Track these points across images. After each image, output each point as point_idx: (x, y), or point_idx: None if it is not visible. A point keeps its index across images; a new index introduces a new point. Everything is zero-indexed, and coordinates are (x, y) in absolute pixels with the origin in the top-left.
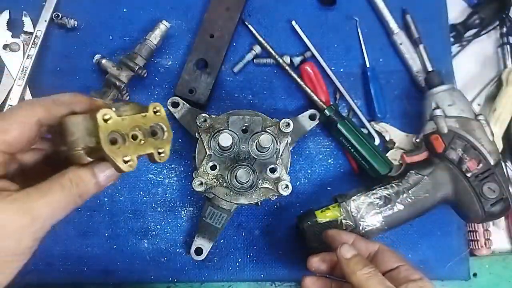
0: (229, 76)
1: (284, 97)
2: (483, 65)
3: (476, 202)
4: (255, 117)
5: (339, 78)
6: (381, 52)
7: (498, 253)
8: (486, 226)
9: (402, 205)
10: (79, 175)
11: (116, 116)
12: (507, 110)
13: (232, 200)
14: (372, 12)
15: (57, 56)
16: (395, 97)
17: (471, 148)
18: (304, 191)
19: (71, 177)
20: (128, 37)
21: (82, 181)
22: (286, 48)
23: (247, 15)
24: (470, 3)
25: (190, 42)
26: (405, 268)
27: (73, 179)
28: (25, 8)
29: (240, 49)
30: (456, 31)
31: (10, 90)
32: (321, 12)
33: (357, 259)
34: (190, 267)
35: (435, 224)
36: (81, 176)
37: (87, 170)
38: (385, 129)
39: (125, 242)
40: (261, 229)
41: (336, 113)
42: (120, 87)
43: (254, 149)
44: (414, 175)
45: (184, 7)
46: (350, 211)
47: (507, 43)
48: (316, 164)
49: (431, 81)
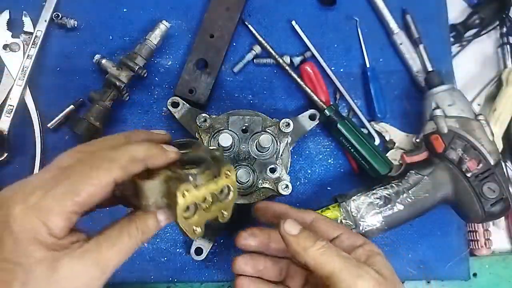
0: (229, 76)
1: (284, 97)
2: (483, 65)
3: (476, 202)
4: (255, 117)
5: (339, 78)
6: (381, 52)
7: (498, 253)
8: (486, 226)
9: (402, 205)
10: (147, 224)
11: (194, 190)
12: (507, 110)
13: None
14: (372, 12)
15: (57, 56)
16: (395, 97)
17: (471, 148)
18: (304, 191)
19: (138, 225)
20: (128, 37)
21: (148, 229)
22: (286, 48)
23: (247, 15)
24: (470, 3)
25: (190, 42)
26: (346, 236)
27: (139, 227)
28: (25, 8)
29: (240, 49)
30: (456, 31)
31: (10, 90)
32: (321, 12)
33: (306, 234)
34: (190, 267)
35: (435, 224)
36: (148, 224)
37: (153, 217)
38: (385, 129)
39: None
40: None
41: (336, 113)
42: (120, 87)
43: (254, 149)
44: (414, 175)
45: (184, 7)
46: (350, 211)
47: (507, 43)
48: (316, 164)
49: (431, 81)
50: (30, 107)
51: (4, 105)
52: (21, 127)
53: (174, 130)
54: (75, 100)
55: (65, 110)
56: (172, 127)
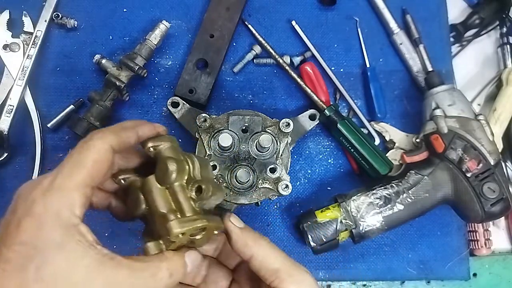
0: (229, 76)
1: (284, 97)
2: (483, 65)
3: (476, 202)
4: (255, 117)
5: (339, 78)
6: (381, 52)
7: (498, 253)
8: (486, 226)
9: (402, 205)
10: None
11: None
12: (507, 110)
13: (232, 200)
14: (372, 12)
15: (57, 56)
16: (395, 97)
17: (471, 148)
18: (304, 191)
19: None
20: (128, 37)
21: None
22: (286, 48)
23: (247, 15)
24: (470, 3)
25: (190, 42)
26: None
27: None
28: (25, 8)
29: (240, 49)
30: (456, 31)
31: (10, 90)
32: (321, 12)
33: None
34: None
35: (435, 224)
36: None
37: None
38: (385, 129)
39: (125, 242)
40: (261, 229)
41: (336, 113)
42: (120, 87)
43: (254, 149)
44: (414, 175)
45: (184, 7)
46: (350, 211)
47: (507, 43)
48: (316, 164)
49: (431, 81)
50: (30, 107)
51: (4, 105)
52: (21, 127)
53: (174, 130)
54: (75, 100)
55: (65, 110)
56: (172, 127)
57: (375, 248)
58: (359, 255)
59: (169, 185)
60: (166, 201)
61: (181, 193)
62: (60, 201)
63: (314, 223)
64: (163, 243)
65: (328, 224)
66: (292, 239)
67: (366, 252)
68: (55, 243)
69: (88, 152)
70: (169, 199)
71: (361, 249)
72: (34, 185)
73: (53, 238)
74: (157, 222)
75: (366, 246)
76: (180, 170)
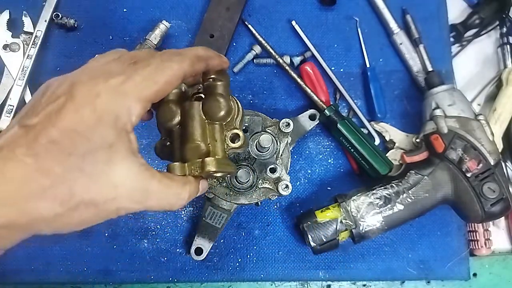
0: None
1: (284, 97)
2: (483, 65)
3: (476, 202)
4: (255, 117)
5: (339, 78)
6: (381, 52)
7: (498, 253)
8: (486, 226)
9: (402, 205)
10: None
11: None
12: (507, 110)
13: (232, 200)
14: (372, 12)
15: (57, 56)
16: (395, 97)
17: (471, 148)
18: (304, 191)
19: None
20: (128, 37)
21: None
22: (286, 48)
23: (247, 15)
24: (470, 3)
25: (190, 42)
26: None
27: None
28: (25, 8)
29: (240, 49)
30: (456, 31)
31: (10, 90)
32: (321, 12)
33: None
34: (190, 267)
35: (435, 224)
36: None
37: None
38: (385, 129)
39: (125, 242)
40: (261, 229)
41: (336, 113)
42: None
43: (254, 149)
44: (414, 175)
45: (184, 7)
46: (350, 211)
47: (507, 43)
48: (316, 164)
49: (431, 81)
50: None
51: (4, 105)
52: None
53: None
54: None
55: None
56: None
57: (375, 248)
58: (359, 255)
59: (213, 120)
60: (204, 133)
61: (219, 133)
62: (123, 105)
63: (314, 223)
64: (187, 167)
65: (328, 224)
66: (292, 239)
67: (366, 252)
68: (106, 141)
69: (164, 72)
70: (206, 132)
71: (361, 249)
72: (99, 79)
73: (105, 136)
74: (186, 147)
75: (366, 246)
76: (228, 112)
